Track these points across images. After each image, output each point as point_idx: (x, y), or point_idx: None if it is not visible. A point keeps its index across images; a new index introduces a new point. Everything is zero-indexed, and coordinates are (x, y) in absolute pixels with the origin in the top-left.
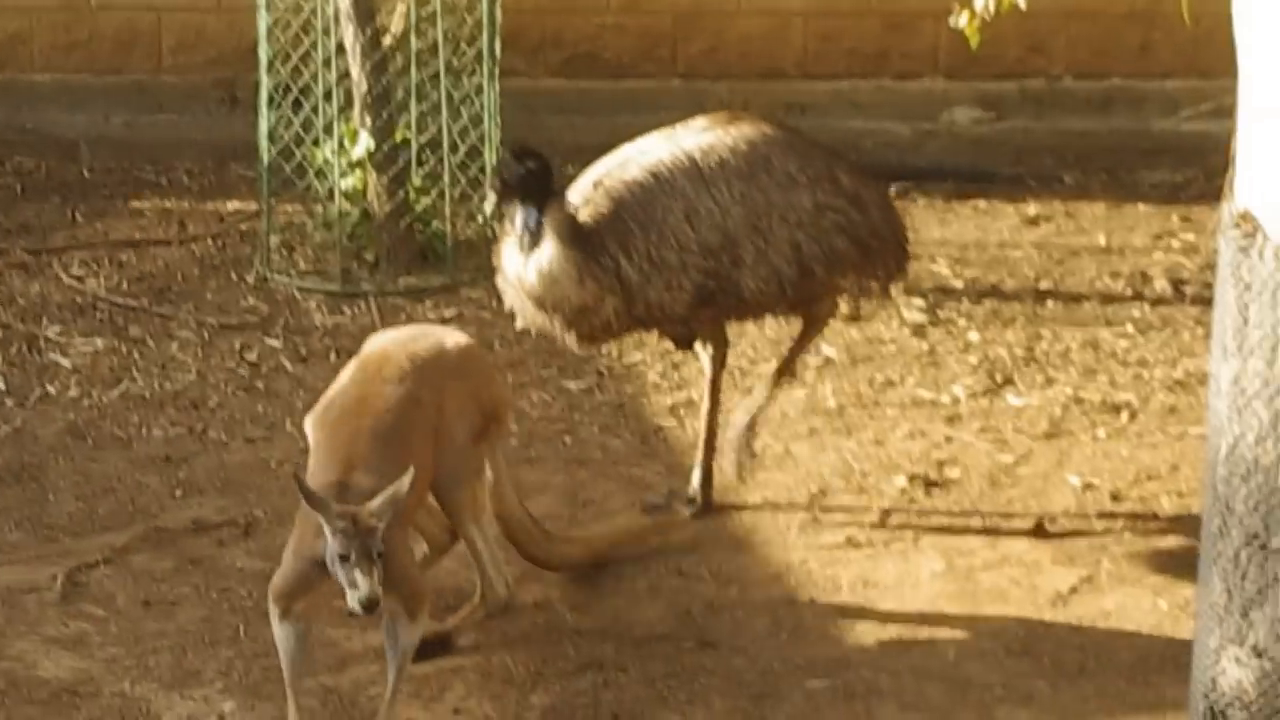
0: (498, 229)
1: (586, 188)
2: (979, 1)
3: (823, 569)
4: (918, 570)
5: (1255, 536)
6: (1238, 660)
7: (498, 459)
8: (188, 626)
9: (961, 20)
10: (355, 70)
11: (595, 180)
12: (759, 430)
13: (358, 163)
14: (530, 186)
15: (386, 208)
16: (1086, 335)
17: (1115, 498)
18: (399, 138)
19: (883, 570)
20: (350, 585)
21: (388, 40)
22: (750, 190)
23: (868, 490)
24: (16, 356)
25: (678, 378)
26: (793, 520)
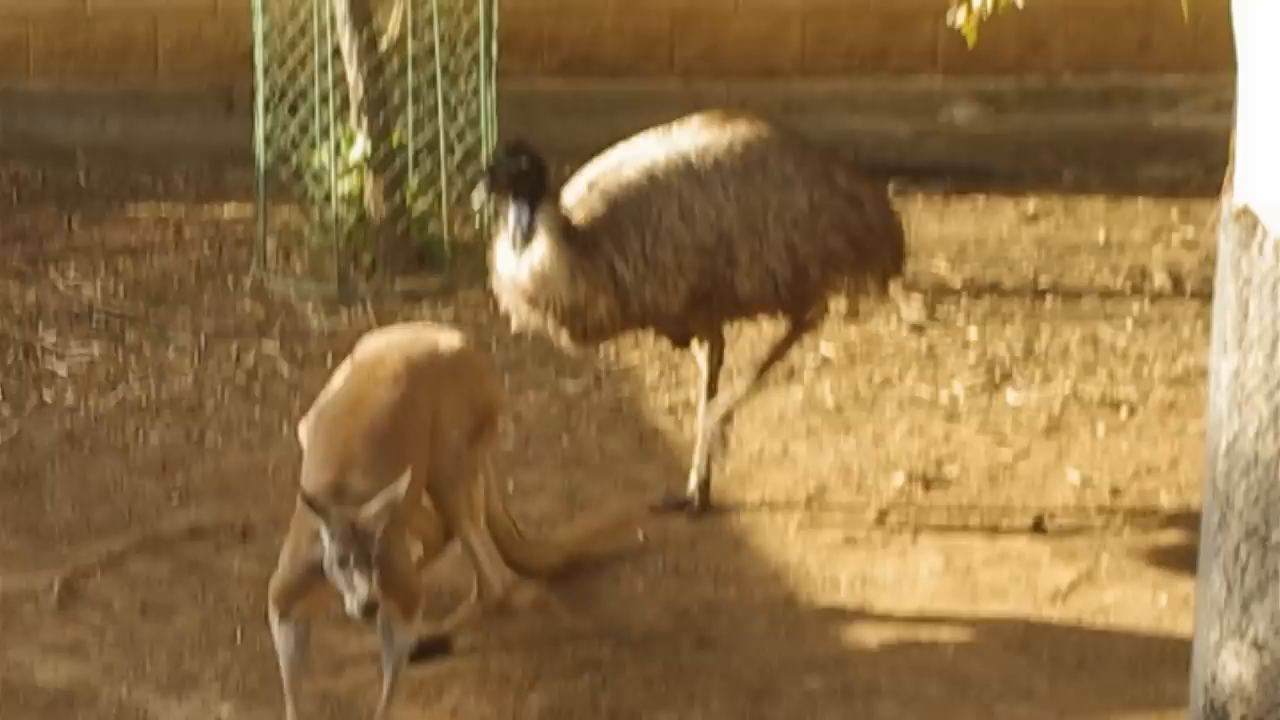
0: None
1: (581, 188)
2: None
3: (821, 567)
4: (916, 568)
5: (1255, 531)
6: (1238, 655)
7: (486, 462)
8: (185, 631)
9: (959, 18)
10: (352, 73)
11: (590, 181)
12: (733, 423)
13: (354, 166)
14: (523, 184)
15: (383, 211)
16: (1086, 331)
17: (1115, 493)
18: (396, 141)
19: (881, 568)
20: (349, 589)
21: (384, 43)
22: (745, 190)
23: (866, 488)
24: (13, 363)
25: (675, 378)
26: (791, 519)
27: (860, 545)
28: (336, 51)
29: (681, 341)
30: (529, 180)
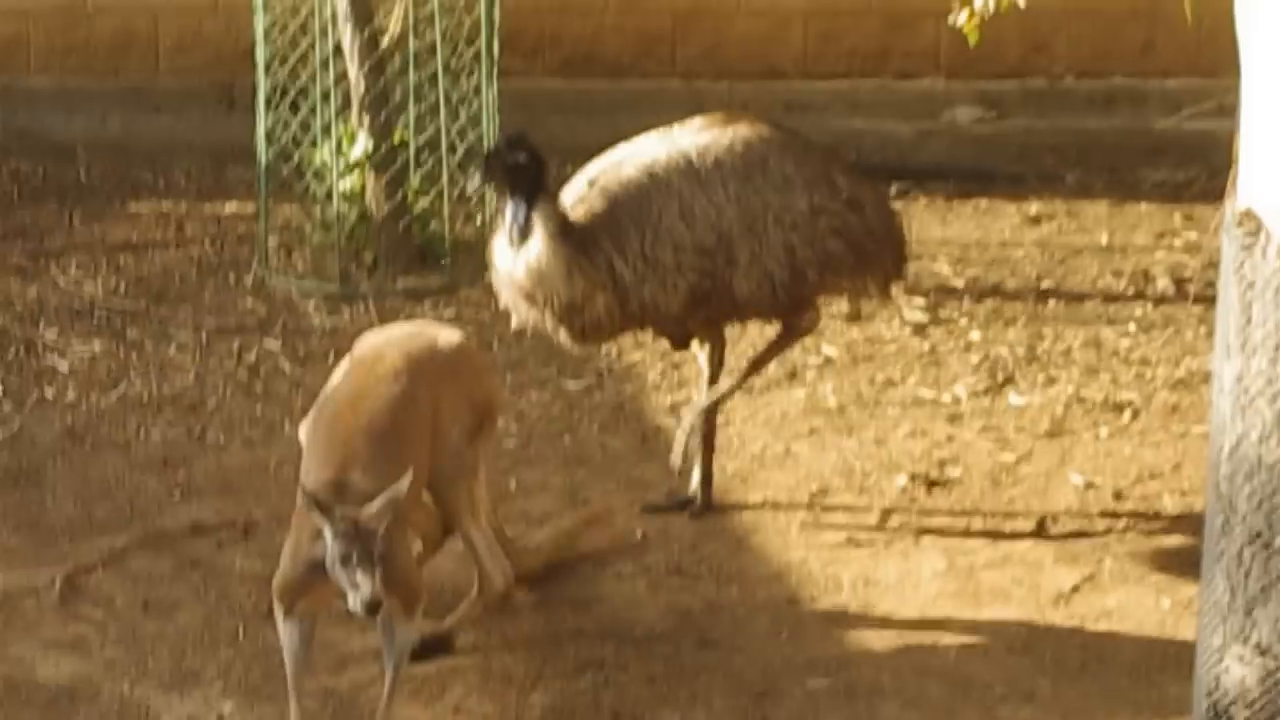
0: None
1: (582, 186)
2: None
3: (824, 568)
4: (919, 569)
5: (1258, 535)
6: (1241, 659)
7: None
8: (187, 628)
9: (961, 18)
10: (353, 71)
11: (590, 179)
12: (715, 421)
13: (356, 164)
14: (520, 179)
15: (385, 209)
16: (1088, 334)
17: (1117, 497)
18: (397, 139)
19: (884, 569)
20: (352, 587)
21: (386, 41)
22: (746, 191)
23: (869, 490)
24: (14, 360)
25: (677, 378)
26: (793, 519)
27: (862, 546)
28: (338, 49)
29: (680, 342)
30: (527, 175)
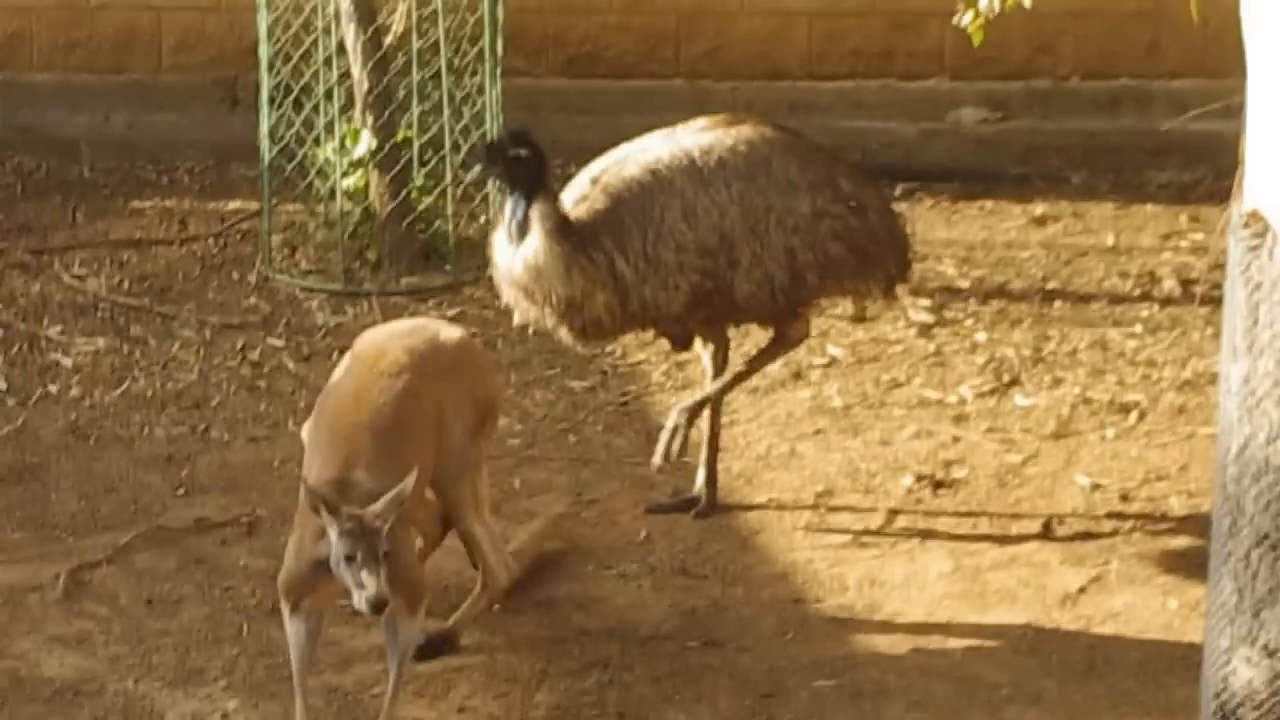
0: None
1: (584, 184)
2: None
3: (829, 568)
4: (925, 570)
5: (1266, 536)
6: (1249, 660)
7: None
8: (191, 625)
9: (965, 19)
10: (356, 69)
11: (593, 177)
12: (696, 423)
13: (359, 162)
14: (520, 173)
15: (388, 207)
16: (1095, 335)
17: (1124, 498)
18: (400, 137)
19: (890, 570)
20: (357, 586)
21: (389, 39)
22: (749, 192)
23: (874, 490)
24: (18, 356)
25: (681, 377)
26: (799, 520)
27: (868, 547)
28: (341, 47)
29: (681, 343)
30: (527, 170)
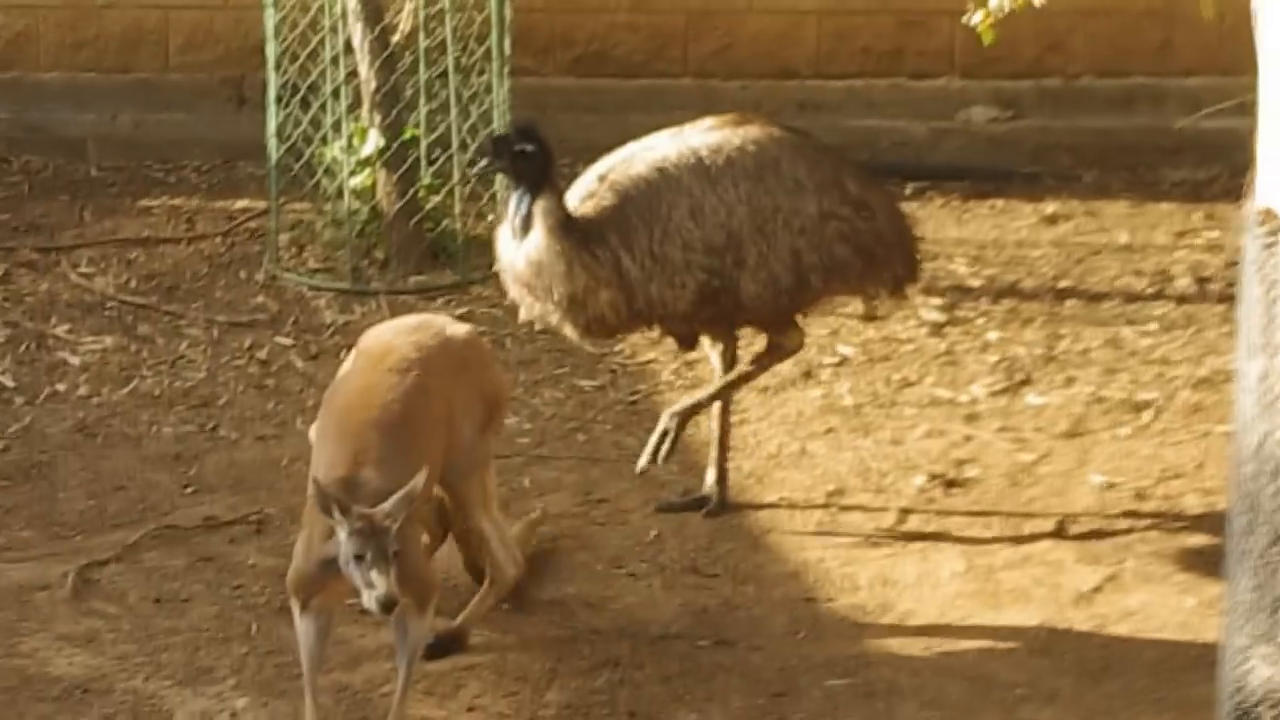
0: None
1: (592, 181)
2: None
3: (841, 568)
4: (938, 569)
5: None
6: (1266, 658)
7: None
8: (200, 624)
9: (976, 17)
10: (364, 68)
11: (601, 174)
12: (688, 425)
13: (367, 161)
14: (525, 168)
15: (396, 206)
16: (1108, 334)
17: (1139, 496)
18: (408, 136)
19: (902, 569)
20: (366, 585)
21: (396, 38)
22: (756, 191)
23: (886, 490)
24: (26, 355)
25: (691, 376)
26: (810, 519)
27: (880, 546)
28: (348, 46)
29: (686, 343)
30: (533, 165)
